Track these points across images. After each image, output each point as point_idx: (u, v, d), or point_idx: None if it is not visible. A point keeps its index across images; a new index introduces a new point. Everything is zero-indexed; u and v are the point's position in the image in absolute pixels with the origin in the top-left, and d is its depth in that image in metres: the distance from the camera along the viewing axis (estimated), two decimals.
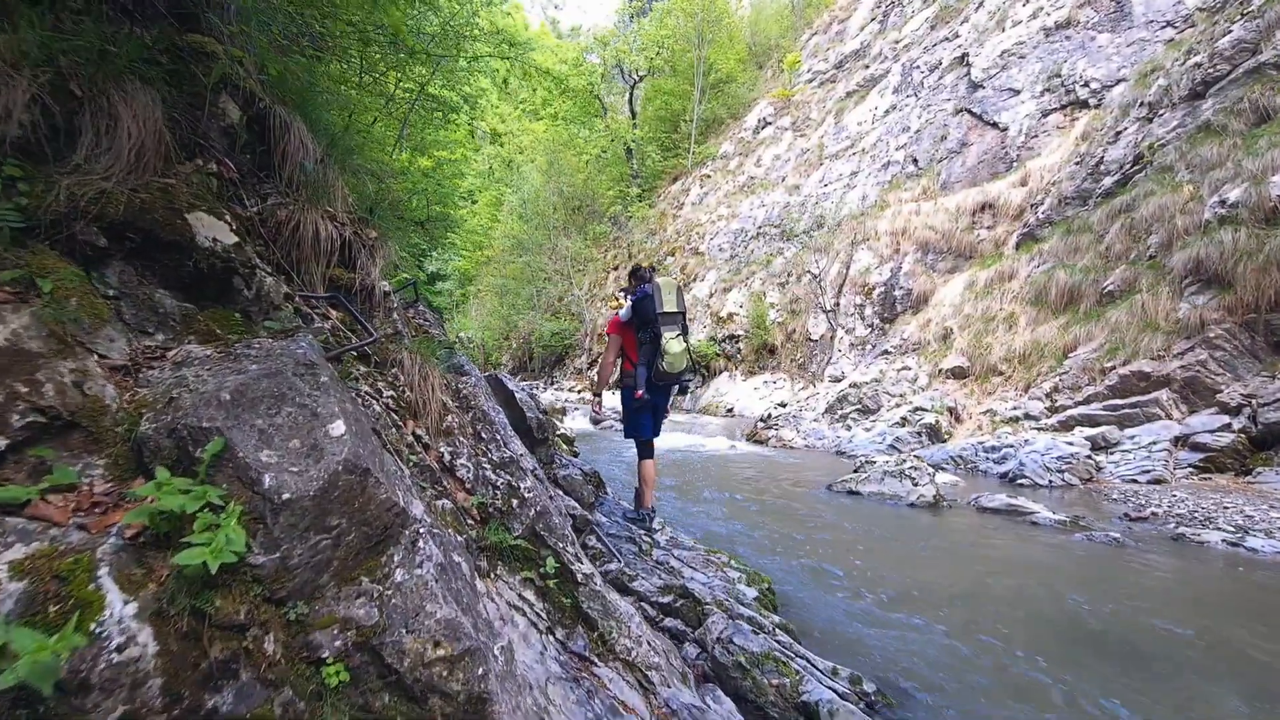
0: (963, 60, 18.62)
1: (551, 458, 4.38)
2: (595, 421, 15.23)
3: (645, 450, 4.47)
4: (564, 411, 16.26)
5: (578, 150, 31.97)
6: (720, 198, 25.69)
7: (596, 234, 29.59)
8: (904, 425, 10.47)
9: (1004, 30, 17.75)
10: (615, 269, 28.28)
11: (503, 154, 38.79)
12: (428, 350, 2.42)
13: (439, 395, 2.20)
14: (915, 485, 6.86)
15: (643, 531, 4.11)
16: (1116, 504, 6.87)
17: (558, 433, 9.23)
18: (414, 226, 8.22)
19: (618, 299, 4.55)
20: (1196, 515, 5.98)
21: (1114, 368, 8.72)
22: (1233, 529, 5.46)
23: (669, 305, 4.09)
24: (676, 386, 4.34)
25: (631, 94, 32.24)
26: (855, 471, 8.31)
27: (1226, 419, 7.43)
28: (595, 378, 4.68)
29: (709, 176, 27.56)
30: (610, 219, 29.73)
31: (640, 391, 4.12)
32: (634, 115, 32.29)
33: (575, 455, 8.90)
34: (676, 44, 29.62)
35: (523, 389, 4.56)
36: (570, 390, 23.06)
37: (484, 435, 2.55)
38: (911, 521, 6.13)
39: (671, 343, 4.02)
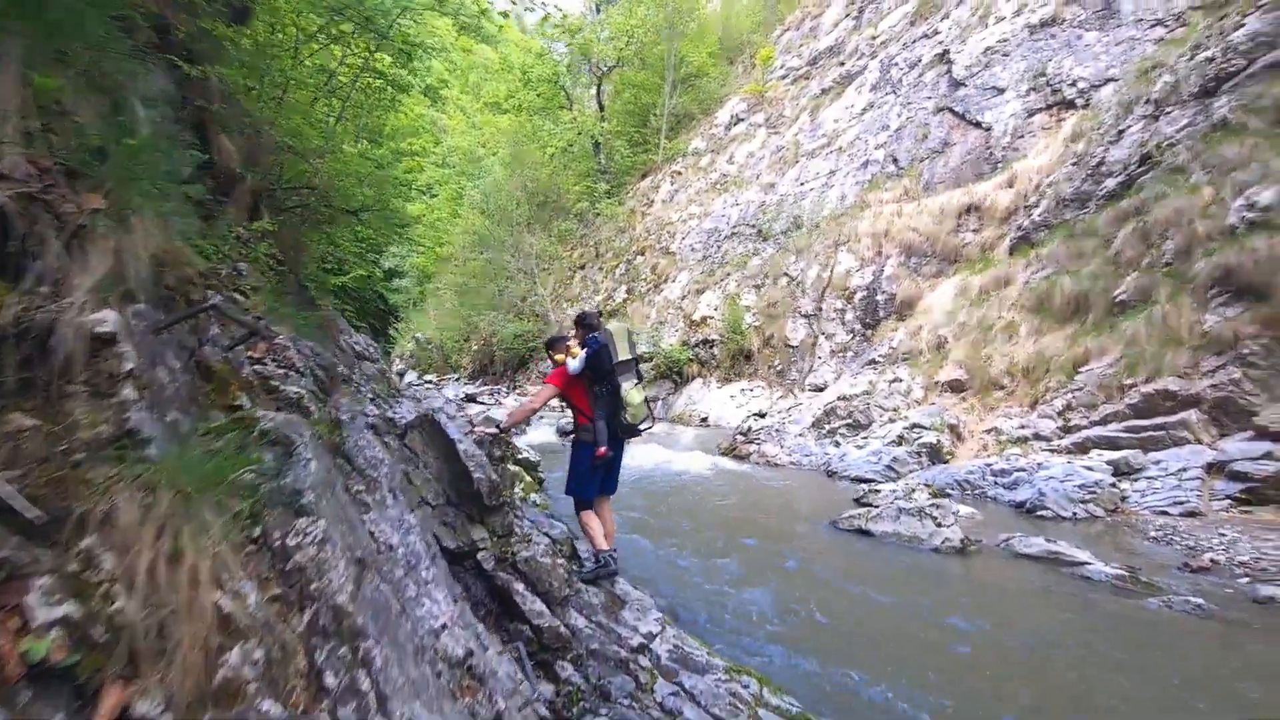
0: (943, 57, 18.00)
1: (510, 528, 3.21)
2: (563, 433, 14.07)
3: (580, 507, 3.94)
4: (526, 421, 15.00)
5: (542, 143, 30.54)
6: (692, 195, 24.70)
7: (562, 231, 28.25)
8: (901, 444, 9.59)
9: (986, 27, 17.20)
10: (581, 268, 27.03)
11: (462, 145, 37.08)
12: (198, 476, 1.18)
13: (209, 600, 1.01)
14: (938, 526, 5.91)
15: (629, 642, 2.95)
16: (1158, 544, 6.06)
17: (518, 457, 8.06)
18: (346, 215, 6.92)
19: (570, 348, 4.07)
20: (1265, 566, 5.16)
21: (1135, 385, 7.98)
22: None
23: (623, 353, 3.85)
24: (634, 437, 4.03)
25: (599, 86, 30.95)
26: (859, 503, 7.36)
27: (1268, 445, 6.71)
28: (510, 413, 4.27)
29: (680, 173, 26.54)
30: (577, 216, 28.43)
31: (603, 449, 3.73)
32: (602, 108, 31.01)
33: (540, 485, 7.71)
34: (646, 35, 28.46)
35: (470, 434, 3.36)
36: (534, 396, 21.75)
37: (330, 680, 1.27)
38: (942, 576, 5.15)
39: (632, 393, 3.79)
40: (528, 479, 6.51)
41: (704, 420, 16.36)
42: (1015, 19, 16.38)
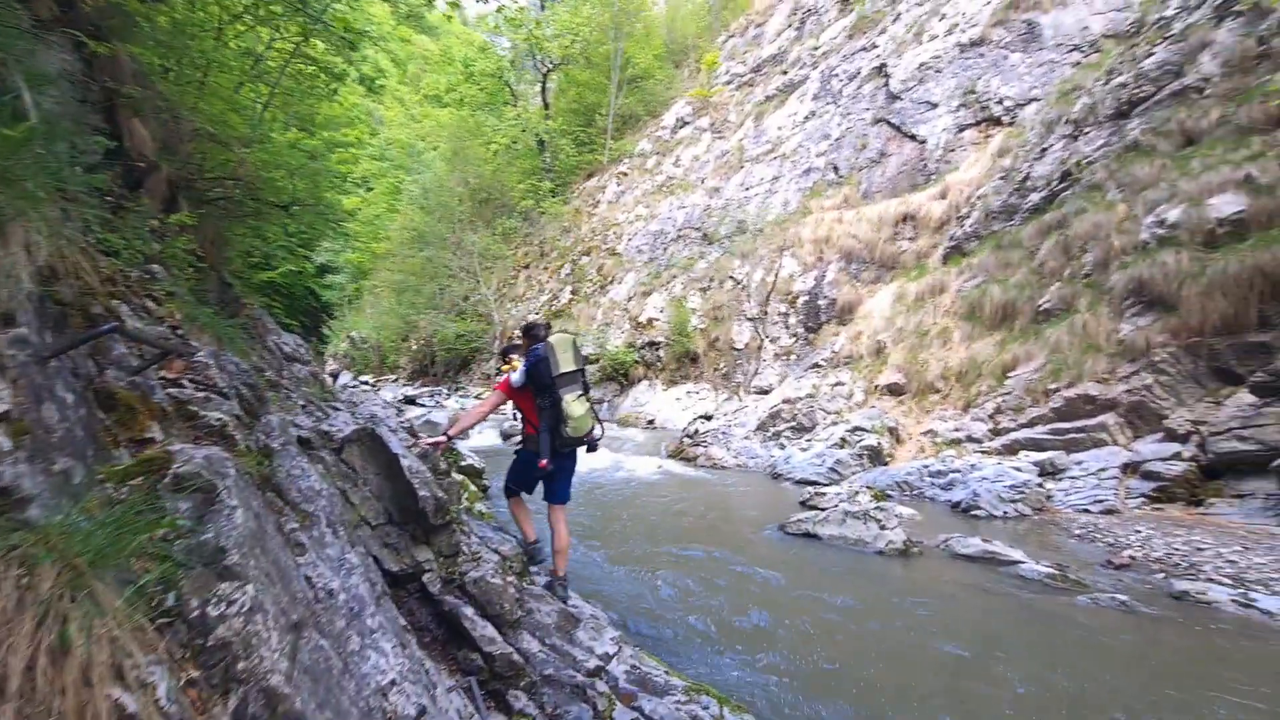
0: (881, 71, 18.65)
1: (457, 547, 3.02)
2: (507, 437, 13.74)
3: (510, 493, 4.14)
4: (471, 427, 14.56)
5: (485, 139, 29.86)
6: (638, 196, 24.69)
7: (506, 229, 27.69)
8: (843, 446, 9.82)
9: (921, 44, 17.91)
10: (526, 267, 26.59)
11: (400, 138, 35.84)
12: (93, 544, 0.96)
13: (105, 700, 0.80)
14: (882, 529, 6.04)
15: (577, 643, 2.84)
16: (1082, 542, 6.41)
17: (462, 464, 7.77)
18: (274, 209, 6.46)
19: (510, 360, 4.04)
20: (1178, 561, 5.52)
21: (1058, 389, 8.43)
22: (1230, 581, 4.99)
23: (566, 365, 3.75)
24: (585, 447, 3.90)
25: (544, 83, 30.53)
26: (805, 506, 7.47)
27: (1177, 446, 7.21)
28: (456, 419, 4.18)
29: (626, 174, 26.50)
30: (521, 214, 27.93)
31: (545, 461, 3.67)
32: (547, 105, 30.60)
33: (485, 493, 7.46)
34: (592, 34, 28.27)
35: (412, 449, 3.16)
36: (477, 398, 21.19)
37: None
38: (888, 579, 5.26)
39: (574, 405, 3.71)
40: (472, 488, 6.27)
41: (650, 422, 16.34)
42: (947, 37, 17.13)
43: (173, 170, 5.58)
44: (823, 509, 6.94)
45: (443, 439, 3.79)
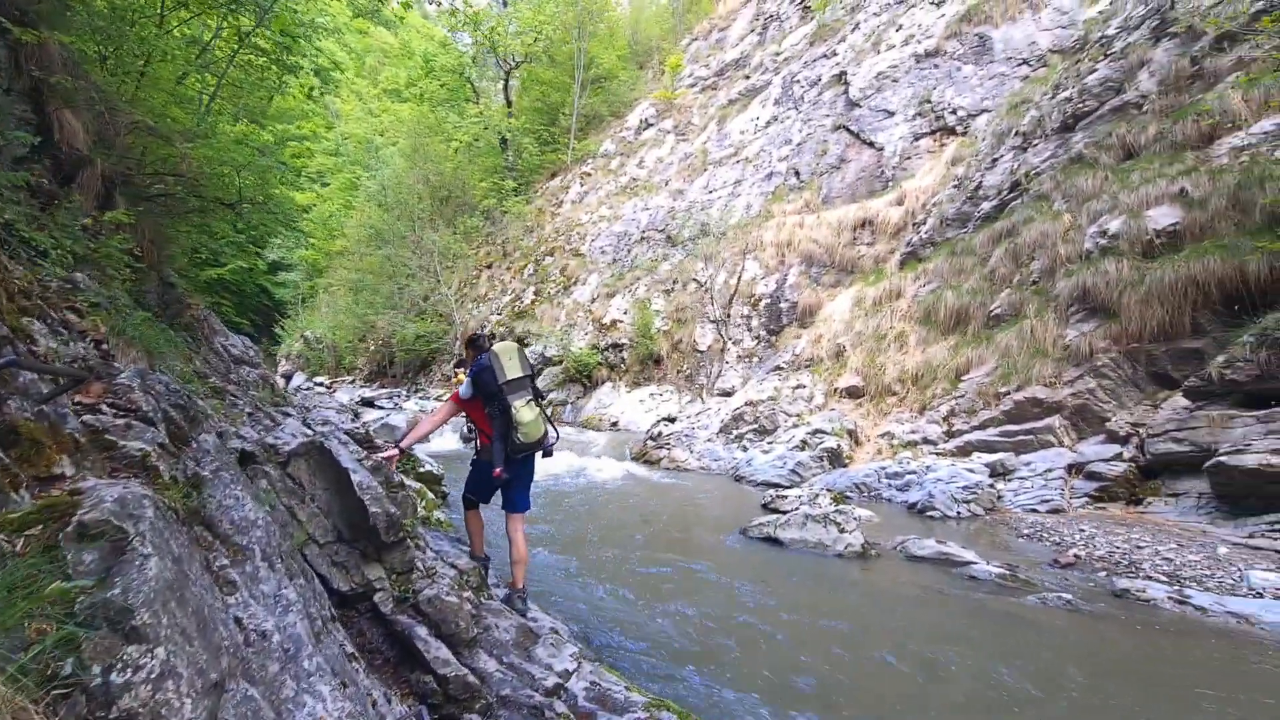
0: (841, 78, 19.01)
1: (410, 563, 2.92)
2: (465, 439, 13.50)
3: (469, 504, 4.05)
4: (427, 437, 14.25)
5: (446, 136, 29.33)
6: (602, 197, 24.60)
7: (468, 228, 27.23)
8: (804, 448, 9.95)
9: (879, 53, 18.32)
10: (488, 267, 26.20)
11: (357, 133, 34.93)
12: None
13: None
14: (842, 532, 6.13)
15: (541, 682, 2.77)
16: (1030, 541, 6.62)
17: (420, 470, 7.58)
18: (220, 207, 6.14)
19: (457, 374, 3.82)
20: (1119, 560, 5.75)
21: (1008, 393, 8.71)
22: (1166, 579, 5.22)
23: (512, 372, 3.77)
24: (540, 452, 3.92)
25: (507, 80, 30.15)
26: (767, 509, 7.54)
27: (1117, 448, 7.53)
28: (411, 428, 4.20)
29: (590, 174, 26.37)
30: (483, 213, 27.51)
31: (499, 470, 3.65)
32: (509, 103, 30.23)
33: (444, 501, 7.29)
34: (555, 32, 28.05)
35: (364, 462, 3.04)
36: (438, 400, 20.77)
37: None
38: (847, 583, 5.33)
39: (523, 411, 3.70)
40: (430, 495, 6.11)
41: (614, 424, 16.29)
42: (904, 48, 17.56)
43: (108, 165, 5.29)
44: (784, 512, 7.01)
45: (394, 451, 3.73)
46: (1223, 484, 6.22)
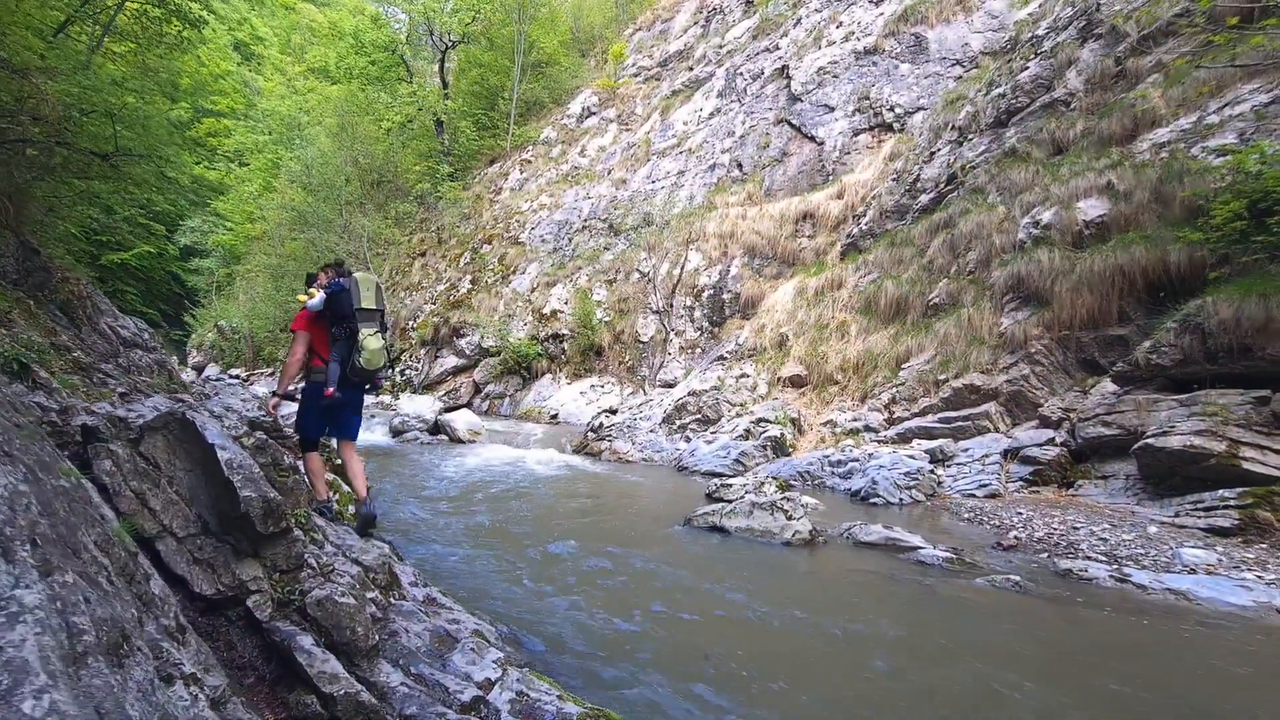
0: (783, 72, 19.10)
1: (299, 560, 2.42)
2: (401, 434, 12.71)
3: (306, 446, 4.04)
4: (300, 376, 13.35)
5: (378, 116, 27.87)
6: (542, 185, 23.92)
7: (400, 213, 25.95)
8: (748, 438, 9.79)
9: (820, 49, 18.49)
10: (422, 254, 25.05)
11: (280, 110, 32.84)
12: None
13: None
14: (789, 519, 5.92)
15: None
16: (972, 525, 6.63)
17: (337, 462, 6.88)
18: (91, 159, 5.28)
19: (308, 291, 4.16)
20: (1058, 541, 5.78)
21: (947, 380, 8.79)
22: (1104, 559, 5.25)
23: (367, 302, 3.96)
24: (369, 385, 4.17)
25: (443, 61, 28.91)
26: (712, 498, 7.29)
27: (1050, 433, 7.67)
28: (282, 374, 4.20)
29: (530, 161, 25.61)
30: (417, 198, 26.28)
31: (331, 389, 3.84)
32: (445, 85, 28.98)
33: (365, 501, 6.64)
34: (495, 14, 27.09)
35: (245, 440, 2.50)
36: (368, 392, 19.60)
37: None
38: (795, 570, 5.11)
39: (370, 339, 3.89)
40: (345, 488, 5.50)
41: (554, 417, 15.78)
42: (844, 44, 17.79)
43: None
44: (729, 501, 6.77)
45: (275, 400, 3.97)
46: (1149, 465, 6.38)
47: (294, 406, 4.26)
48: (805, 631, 3.82)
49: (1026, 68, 10.63)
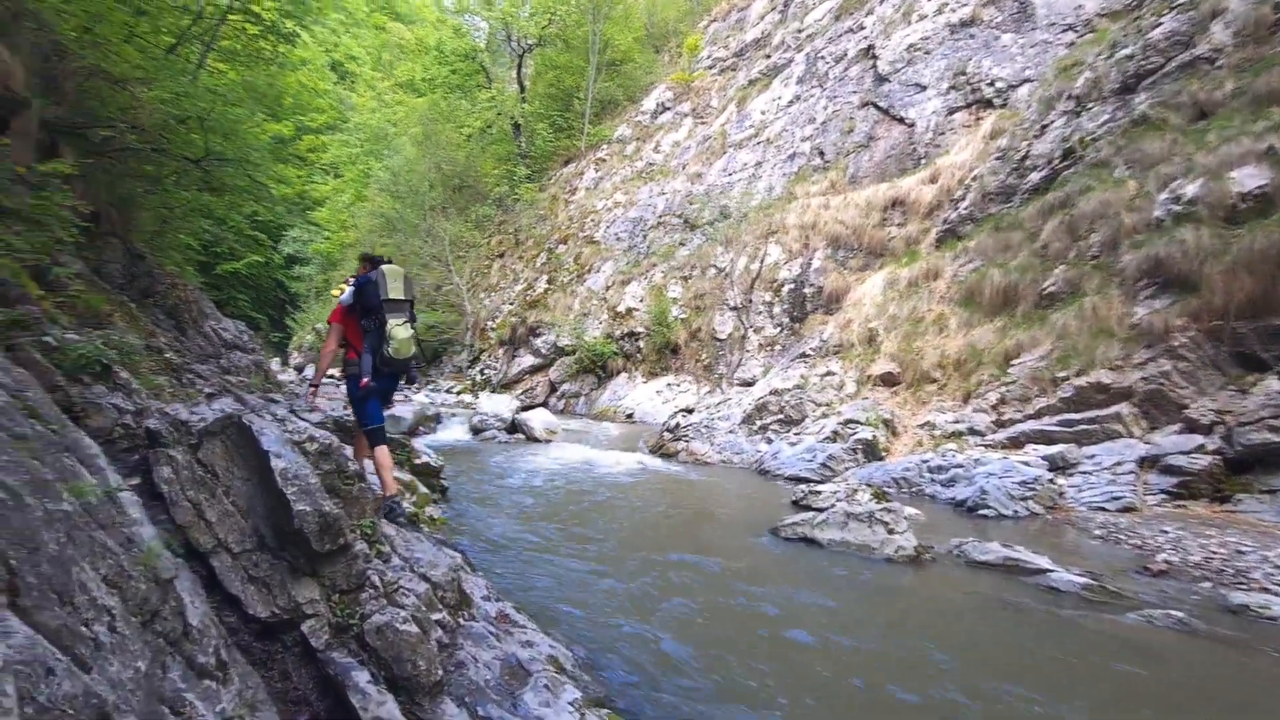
0: (868, 53, 18.03)
1: (360, 579, 2.21)
2: (480, 433, 12.87)
3: (376, 438, 4.09)
4: (438, 419, 13.72)
5: (459, 123, 28.71)
6: (617, 183, 23.83)
7: (480, 216, 26.62)
8: (835, 440, 9.15)
9: (910, 24, 17.30)
10: (500, 256, 25.59)
11: (370, 123, 34.50)
12: None
13: None
14: (890, 533, 5.34)
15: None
16: (1105, 544, 5.79)
17: (416, 462, 6.89)
18: (185, 165, 5.48)
19: (340, 285, 4.30)
20: (1221, 568, 4.91)
21: (1067, 378, 7.83)
22: None
23: (395, 292, 4.01)
24: (405, 375, 4.21)
25: (520, 65, 29.42)
26: (799, 506, 6.78)
27: (1198, 438, 6.63)
28: (316, 363, 4.43)
29: (604, 160, 25.61)
30: (495, 201, 26.86)
31: (366, 379, 3.91)
32: (522, 89, 29.50)
33: (444, 494, 6.61)
34: (570, 15, 27.26)
35: (308, 445, 2.33)
36: (449, 392, 20.19)
37: None
38: (903, 593, 4.56)
39: (398, 329, 3.93)
40: (421, 489, 5.43)
41: (629, 416, 15.58)
42: (937, 17, 16.54)
43: (53, 112, 4.64)
44: (819, 509, 6.25)
45: (312, 390, 4.11)
46: None
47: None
48: (925, 669, 3.31)
49: (1159, 24, 9.36)
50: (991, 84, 14.74)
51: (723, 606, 4.03)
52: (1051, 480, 7.08)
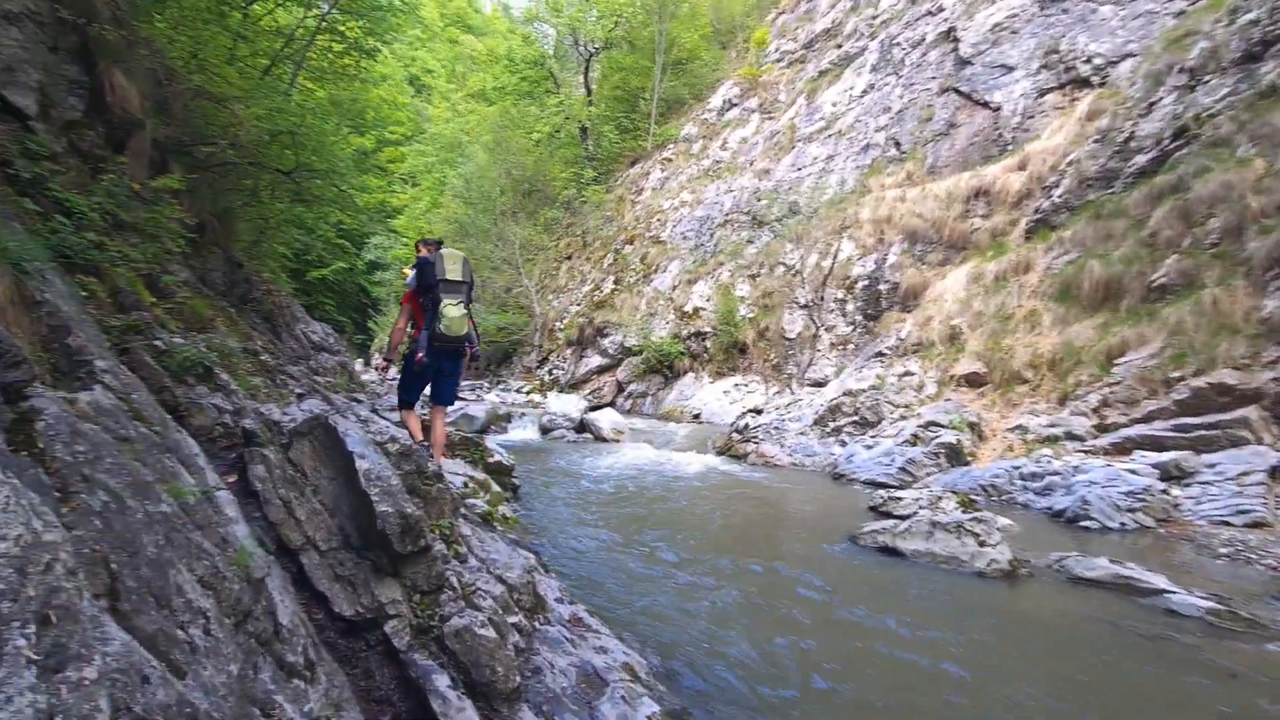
0: (949, 35, 17.13)
1: (439, 580, 2.23)
2: (549, 432, 13.08)
3: (405, 407, 4.52)
4: (508, 418, 14.02)
5: (528, 129, 29.37)
6: (683, 182, 23.70)
7: (548, 220, 27.13)
8: (915, 443, 8.71)
9: (994, 3, 16.30)
10: (568, 258, 25.98)
11: (444, 133, 35.84)
12: None
13: None
14: (981, 545, 5.00)
15: None
16: (1232, 563, 5.21)
17: (489, 461, 7.03)
18: (278, 177, 5.83)
19: (406, 270, 4.53)
20: None
21: (1182, 378, 7.13)
22: None
23: (452, 274, 4.18)
24: (467, 356, 4.43)
25: (587, 68, 29.77)
26: (878, 512, 6.48)
27: None
28: (388, 342, 4.75)
29: (670, 160, 25.52)
30: (563, 204, 27.31)
31: (421, 355, 4.18)
32: (589, 92, 29.85)
33: (515, 493, 6.71)
34: (636, 15, 27.34)
35: (377, 449, 2.37)
36: (519, 392, 20.67)
37: None
38: (993, 608, 4.24)
39: (450, 308, 4.12)
40: (494, 488, 5.53)
41: (696, 417, 15.43)
42: None
43: (163, 131, 5.02)
44: (901, 517, 5.95)
45: (383, 363, 4.57)
46: None
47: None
48: (1025, 694, 3.05)
49: None
50: (1088, 61, 13.69)
51: (800, 617, 3.87)
52: (1164, 490, 6.46)
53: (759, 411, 12.74)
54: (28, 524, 0.84)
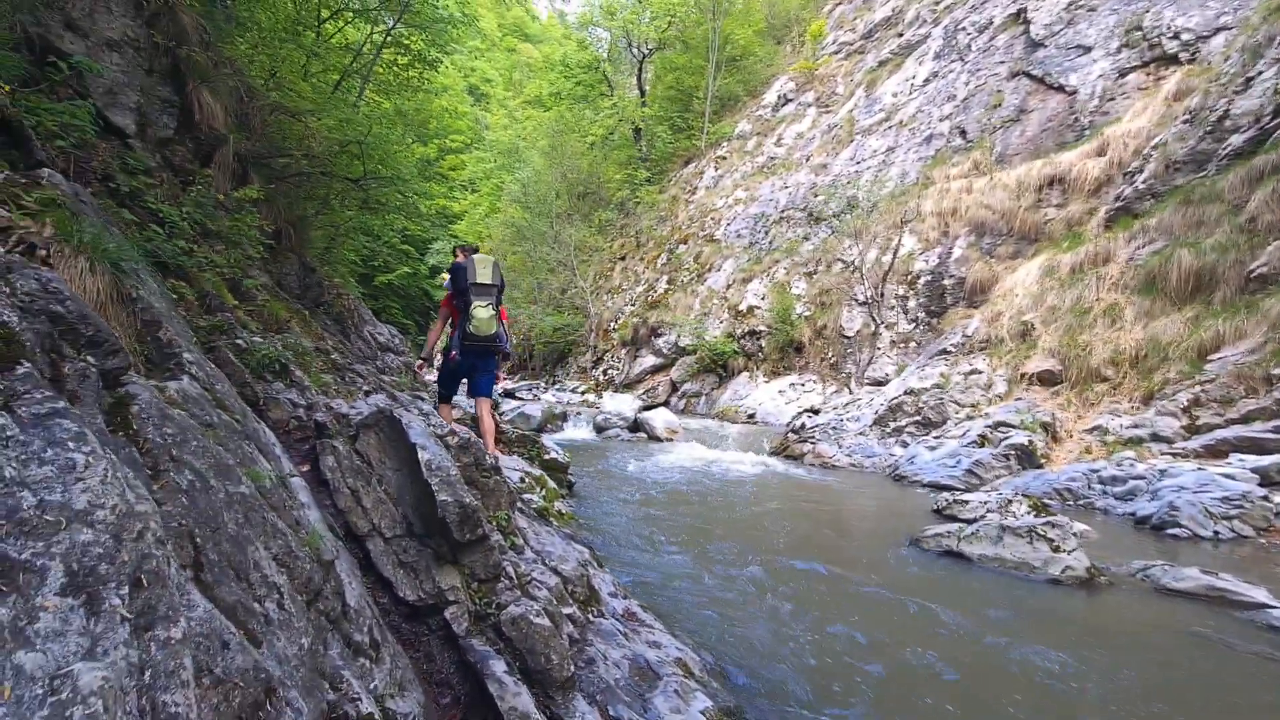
0: (1019, 17, 16.31)
1: (497, 569, 2.29)
2: (604, 431, 13.23)
3: (443, 400, 4.84)
4: (564, 417, 14.24)
5: (583, 132, 29.75)
6: (737, 180, 23.47)
7: (602, 221, 27.40)
8: (983, 444, 8.33)
9: None
10: (622, 259, 26.15)
11: (502, 139, 36.73)
12: None
13: None
14: (1056, 551, 4.73)
15: None
16: None
17: (545, 457, 7.17)
18: (347, 185, 6.14)
19: (444, 275, 4.95)
20: None
21: None
22: None
23: (482, 278, 4.42)
24: (497, 355, 4.66)
25: (640, 70, 29.90)
26: (942, 515, 6.24)
27: None
28: (428, 341, 5.16)
29: (724, 158, 25.32)
30: (617, 205, 27.52)
31: (454, 353, 4.45)
32: (643, 93, 29.97)
33: (570, 489, 6.82)
34: (689, 15, 27.26)
35: (449, 439, 2.45)
36: (574, 391, 20.96)
37: None
38: (1070, 618, 4.01)
39: (479, 309, 4.34)
40: (550, 484, 5.63)
41: (751, 417, 15.25)
42: None
43: (244, 145, 5.36)
44: (966, 520, 5.71)
45: (420, 363, 4.96)
46: None
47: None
48: (1109, 710, 2.87)
49: None
50: (1175, 36, 12.77)
51: (859, 620, 3.77)
52: (1265, 497, 5.94)
53: (816, 411, 12.47)
54: (123, 495, 0.93)
